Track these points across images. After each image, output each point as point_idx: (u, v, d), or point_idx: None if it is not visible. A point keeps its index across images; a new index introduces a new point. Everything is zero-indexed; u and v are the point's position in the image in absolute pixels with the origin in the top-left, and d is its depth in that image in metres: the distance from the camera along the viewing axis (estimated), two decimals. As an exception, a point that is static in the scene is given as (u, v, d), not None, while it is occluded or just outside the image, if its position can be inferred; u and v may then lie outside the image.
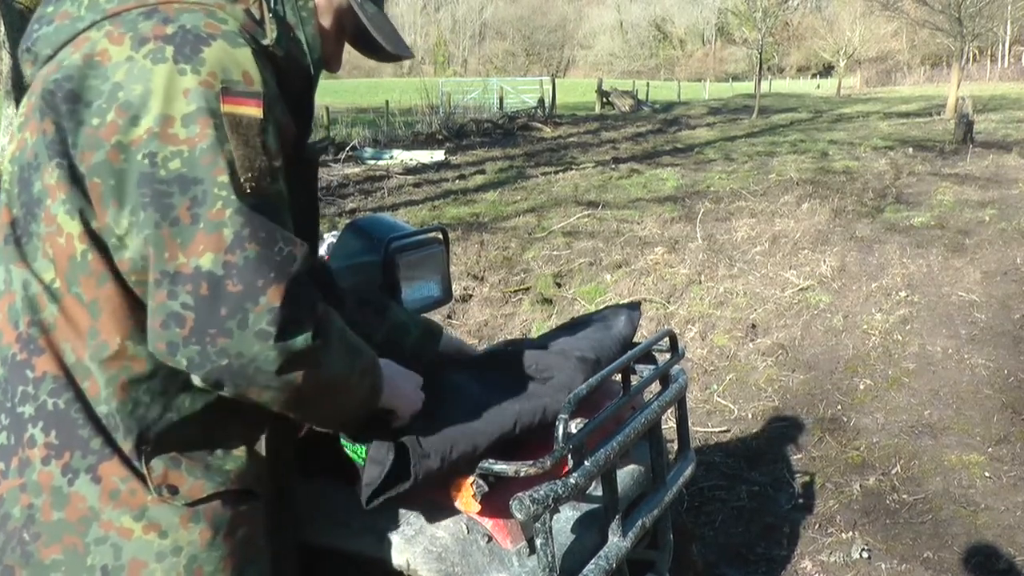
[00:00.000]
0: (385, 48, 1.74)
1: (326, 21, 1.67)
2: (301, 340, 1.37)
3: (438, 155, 19.67)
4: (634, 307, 2.67)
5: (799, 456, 4.98)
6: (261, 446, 1.61)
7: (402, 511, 1.95)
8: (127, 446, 1.44)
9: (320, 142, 1.85)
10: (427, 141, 23.06)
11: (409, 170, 17.42)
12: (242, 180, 1.36)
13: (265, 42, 1.50)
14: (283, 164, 1.45)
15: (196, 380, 1.39)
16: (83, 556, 1.42)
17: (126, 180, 1.35)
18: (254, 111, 1.39)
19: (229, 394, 1.40)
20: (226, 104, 1.37)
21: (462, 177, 16.56)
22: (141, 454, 1.45)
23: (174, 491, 1.46)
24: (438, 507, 1.94)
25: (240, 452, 1.56)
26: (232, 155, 1.36)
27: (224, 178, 1.34)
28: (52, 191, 1.41)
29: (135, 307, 1.43)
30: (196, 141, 1.34)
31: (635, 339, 2.60)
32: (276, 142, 1.43)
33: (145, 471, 1.44)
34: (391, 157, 19.38)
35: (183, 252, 1.32)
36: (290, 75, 1.57)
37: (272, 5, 1.54)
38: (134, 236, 1.36)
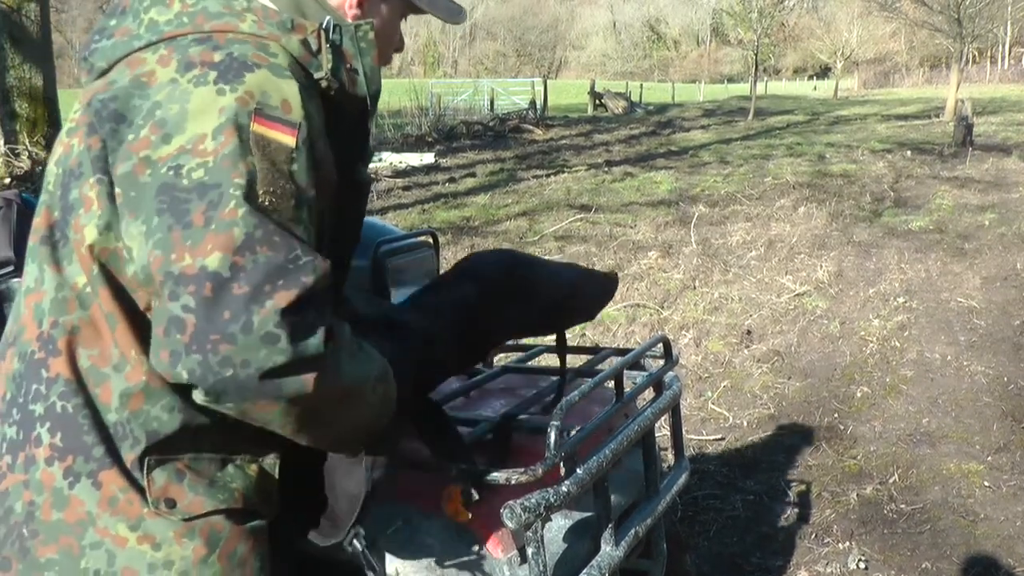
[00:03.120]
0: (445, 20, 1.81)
1: (392, 28, 1.72)
2: (313, 344, 1.31)
3: (428, 158, 19.63)
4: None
5: (795, 465, 4.95)
6: (275, 466, 1.58)
7: (392, 519, 1.96)
8: (131, 456, 1.43)
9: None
10: (416, 143, 22.98)
11: (398, 173, 17.40)
12: (260, 192, 1.33)
13: (318, 75, 1.50)
14: (316, 200, 1.42)
15: (198, 396, 1.32)
16: (77, 558, 1.41)
17: (145, 192, 1.33)
18: (286, 138, 1.37)
19: (233, 411, 1.34)
20: (257, 124, 1.35)
21: (452, 180, 16.54)
22: (144, 465, 1.44)
23: (171, 505, 1.45)
24: (428, 515, 1.94)
25: (252, 471, 1.54)
26: (254, 167, 1.33)
27: (241, 180, 1.31)
28: (88, 202, 1.41)
29: (148, 325, 1.40)
30: (219, 149, 1.32)
31: (628, 345, 2.57)
32: (309, 175, 1.40)
33: (145, 483, 1.44)
34: (380, 159, 19.34)
35: (190, 252, 1.28)
36: (344, 106, 1.57)
37: (330, 35, 1.52)
38: (142, 245, 1.33)
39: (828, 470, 4.86)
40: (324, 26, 1.51)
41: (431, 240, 2.90)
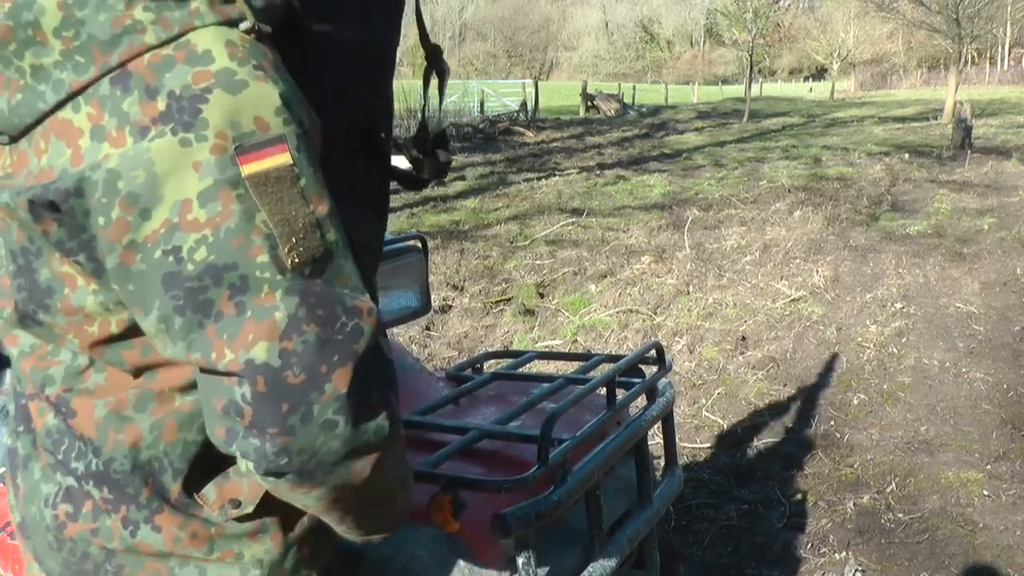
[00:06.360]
0: None
1: None
2: (373, 428, 1.21)
3: (417, 160, 19.64)
4: None
5: (791, 473, 4.90)
6: None
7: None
8: (176, 487, 1.36)
9: None
10: (405, 146, 23.01)
11: (387, 176, 17.40)
12: (286, 251, 1.16)
13: (245, 26, 1.23)
14: (332, 206, 1.22)
15: (244, 467, 1.22)
16: None
17: (146, 284, 1.16)
18: (281, 158, 1.16)
19: (269, 486, 1.25)
20: (245, 164, 1.15)
21: (441, 183, 16.44)
22: (191, 490, 1.38)
23: (236, 504, 1.39)
24: (416, 525, 1.90)
25: None
26: (268, 225, 1.15)
27: (263, 257, 1.14)
28: (69, 280, 1.25)
29: (181, 363, 1.30)
30: (219, 221, 1.13)
31: (621, 352, 2.55)
32: (315, 175, 1.20)
33: (201, 504, 1.38)
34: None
35: (230, 347, 1.14)
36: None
37: None
38: (169, 344, 1.18)
39: (824, 479, 4.82)
40: None
41: (420, 244, 2.89)
